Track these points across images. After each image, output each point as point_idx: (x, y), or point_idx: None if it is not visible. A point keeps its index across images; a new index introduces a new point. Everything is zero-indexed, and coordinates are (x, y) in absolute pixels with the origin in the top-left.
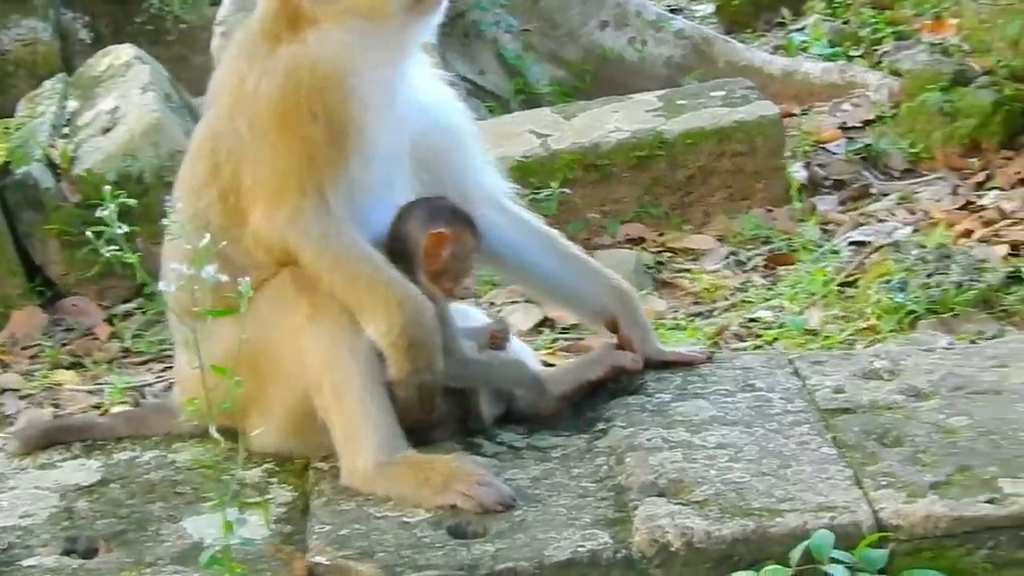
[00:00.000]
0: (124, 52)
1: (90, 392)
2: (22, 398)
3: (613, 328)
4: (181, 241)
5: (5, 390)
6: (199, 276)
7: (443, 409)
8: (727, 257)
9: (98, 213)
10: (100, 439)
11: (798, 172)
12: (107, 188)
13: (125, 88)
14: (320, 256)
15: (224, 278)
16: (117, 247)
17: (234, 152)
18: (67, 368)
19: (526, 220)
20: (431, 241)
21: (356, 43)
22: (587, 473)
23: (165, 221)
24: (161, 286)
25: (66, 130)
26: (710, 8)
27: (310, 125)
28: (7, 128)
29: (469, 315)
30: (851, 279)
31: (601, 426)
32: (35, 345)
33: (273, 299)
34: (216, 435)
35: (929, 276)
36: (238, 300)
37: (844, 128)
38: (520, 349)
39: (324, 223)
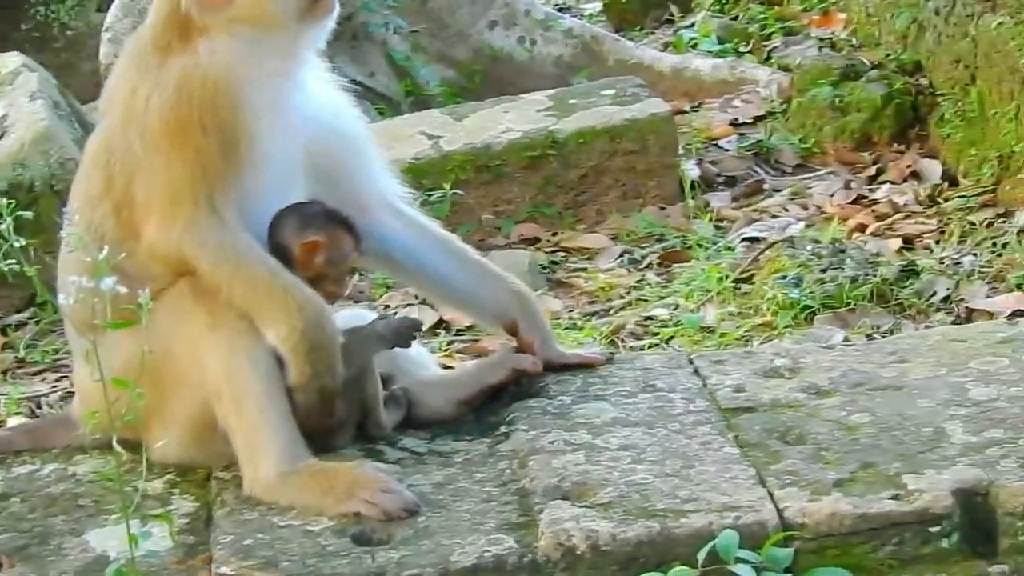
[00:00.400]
0: (11, 60)
1: None
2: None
3: (512, 331)
4: (78, 253)
5: None
6: (98, 289)
7: (343, 414)
8: (621, 256)
9: None
10: None
11: (691, 169)
12: (3, 201)
13: (13, 96)
14: (218, 265)
15: (123, 290)
16: (15, 260)
17: (127, 165)
18: None
19: (422, 224)
20: (304, 249)
21: (247, 52)
22: (490, 477)
23: (62, 233)
24: (60, 300)
25: None
26: (598, 6)
27: (201, 138)
28: None
29: (363, 318)
30: (746, 275)
31: (503, 430)
32: None
33: (171, 309)
34: (118, 448)
35: (823, 271)
36: (137, 312)
37: (735, 124)
38: (419, 353)
39: (219, 233)
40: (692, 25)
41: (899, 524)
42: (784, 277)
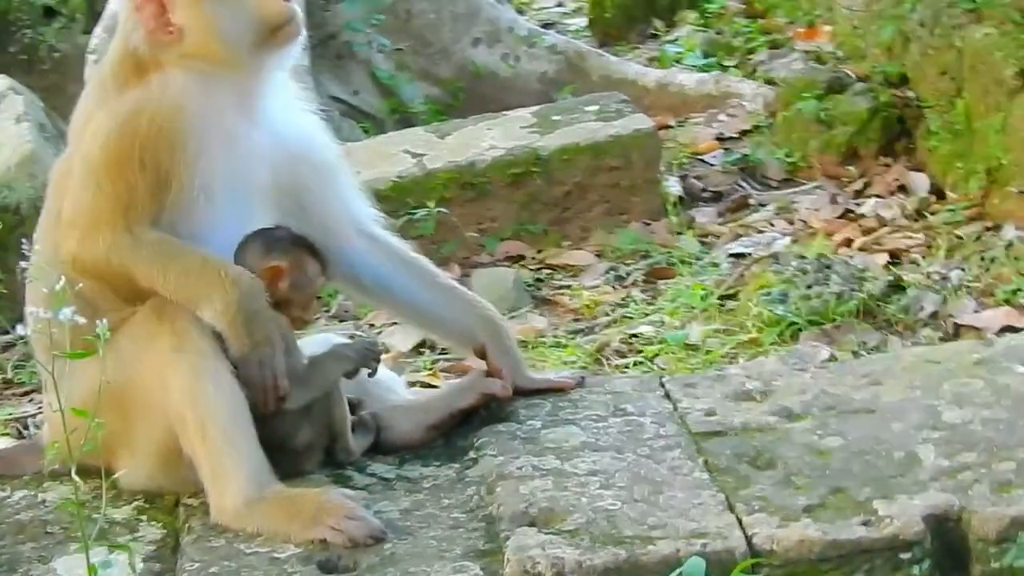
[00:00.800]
0: None
1: None
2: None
3: (482, 355)
4: (39, 283)
5: None
6: (56, 319)
7: (308, 437)
8: (606, 272)
9: None
10: None
11: (672, 186)
12: None
13: None
14: (150, 263)
15: (82, 320)
16: None
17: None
18: None
19: (392, 247)
20: (268, 274)
21: (200, 87)
22: (458, 504)
23: (21, 264)
24: (19, 330)
25: None
26: (583, 22)
27: (136, 173)
28: None
29: (328, 342)
30: (731, 292)
31: (472, 455)
32: None
33: (135, 335)
34: (76, 478)
35: (809, 287)
36: (96, 342)
37: (721, 139)
38: (388, 378)
39: (145, 237)
40: (676, 39)
41: (869, 551)
42: (769, 293)
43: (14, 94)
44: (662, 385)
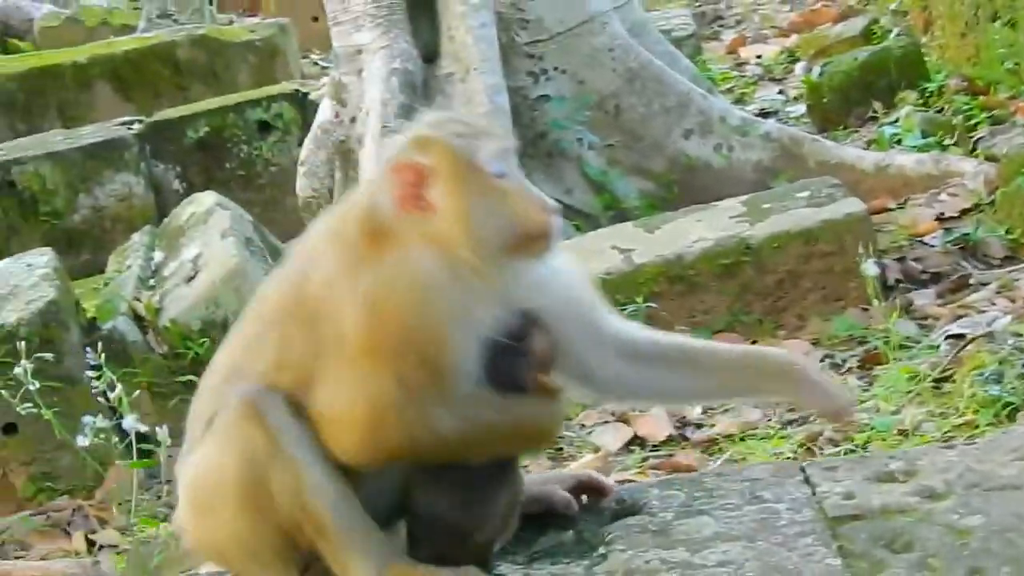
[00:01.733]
0: (206, 199)
1: None
2: (119, 554)
3: None
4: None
5: (103, 547)
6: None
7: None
8: (823, 360)
9: None
10: None
11: (870, 268)
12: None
13: (207, 235)
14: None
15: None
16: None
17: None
18: (164, 520)
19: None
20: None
21: (448, 271)
22: None
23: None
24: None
25: (152, 281)
26: (802, 108)
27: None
28: (95, 285)
29: None
30: (947, 374)
31: (601, 550)
32: (128, 500)
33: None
34: None
35: None
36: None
37: (941, 219)
38: None
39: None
40: (896, 121)
41: None
42: (983, 374)
43: (221, 210)
44: (803, 470)
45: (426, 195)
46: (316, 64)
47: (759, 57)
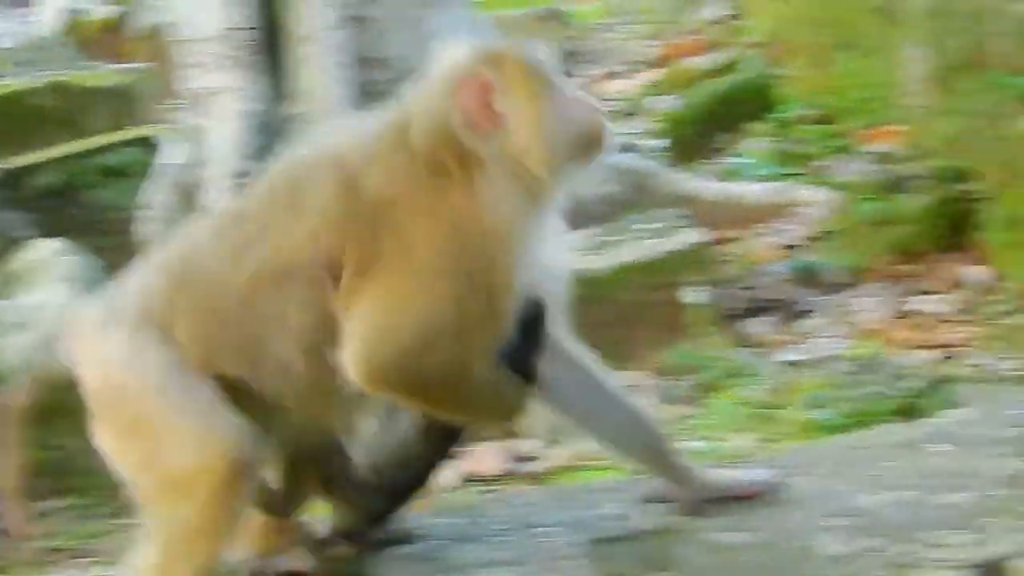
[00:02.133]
0: (46, 247)
1: None
2: None
3: None
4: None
5: None
6: None
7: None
8: (657, 390)
9: None
10: None
11: (700, 298)
12: None
13: (46, 282)
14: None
15: None
16: None
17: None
18: None
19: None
20: None
21: (520, 196)
22: None
23: None
24: None
25: None
26: (665, 142)
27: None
28: None
29: None
30: (776, 401)
31: None
32: None
33: None
34: None
35: (851, 389)
36: None
37: (786, 247)
38: None
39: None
40: (748, 151)
41: None
42: (811, 399)
43: (60, 256)
44: (588, 494)
45: (496, 108)
46: (176, 109)
47: (619, 92)
